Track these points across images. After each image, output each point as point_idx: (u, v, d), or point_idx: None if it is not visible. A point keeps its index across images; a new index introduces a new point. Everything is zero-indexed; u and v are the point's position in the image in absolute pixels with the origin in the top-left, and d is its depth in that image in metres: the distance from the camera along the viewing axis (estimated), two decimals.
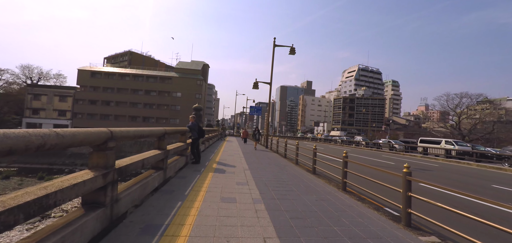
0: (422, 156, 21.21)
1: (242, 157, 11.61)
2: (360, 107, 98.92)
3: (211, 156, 11.05)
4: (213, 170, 7.50)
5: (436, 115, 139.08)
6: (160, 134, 5.23)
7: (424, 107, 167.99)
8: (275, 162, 10.57)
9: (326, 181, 7.28)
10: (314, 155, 8.39)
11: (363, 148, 30.85)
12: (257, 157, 11.99)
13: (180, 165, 6.82)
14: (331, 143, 42.35)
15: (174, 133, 6.52)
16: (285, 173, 8.15)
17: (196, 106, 9.91)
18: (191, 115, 8.31)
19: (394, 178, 7.94)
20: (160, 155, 5.13)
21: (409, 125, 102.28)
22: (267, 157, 12.52)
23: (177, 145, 6.75)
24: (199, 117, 9.81)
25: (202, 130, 8.39)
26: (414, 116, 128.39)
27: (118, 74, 56.98)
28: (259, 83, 19.65)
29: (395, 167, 13.17)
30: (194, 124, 8.16)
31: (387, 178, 7.70)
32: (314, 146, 8.74)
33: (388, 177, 8.18)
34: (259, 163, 9.90)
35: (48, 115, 54.64)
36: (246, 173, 7.45)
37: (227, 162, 9.44)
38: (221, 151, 13.60)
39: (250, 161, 10.20)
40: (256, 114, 59.18)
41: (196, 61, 64.36)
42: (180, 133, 7.02)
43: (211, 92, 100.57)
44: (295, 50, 18.68)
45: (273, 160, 11.41)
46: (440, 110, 60.82)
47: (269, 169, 8.64)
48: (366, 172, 7.88)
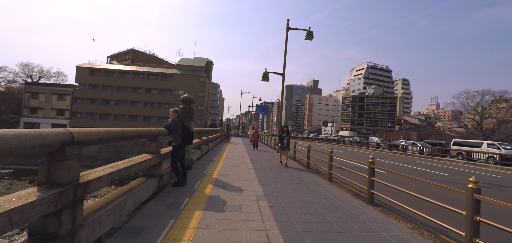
0: (465, 162, 17.75)
1: (251, 169, 8.49)
2: (370, 106, 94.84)
3: (208, 168, 7.95)
4: (204, 200, 4.41)
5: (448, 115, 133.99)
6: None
7: (435, 107, 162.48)
8: (299, 179, 7.43)
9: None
10: (372, 174, 5.23)
11: (385, 151, 27.41)
12: (273, 170, 8.86)
13: (142, 195, 3.74)
14: (345, 144, 38.90)
15: (133, 136, 3.49)
16: (325, 202, 5.02)
17: (184, 97, 6.85)
18: (172, 110, 5.25)
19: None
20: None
21: (422, 125, 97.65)
22: (286, 170, 9.38)
23: (139, 160, 3.67)
24: (188, 113, 6.73)
25: (189, 132, 5.30)
26: (425, 116, 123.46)
27: (118, 72, 54.61)
28: (269, 74, 16.55)
29: (453, 180, 9.87)
30: (176, 122, 5.09)
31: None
32: (372, 158, 5.54)
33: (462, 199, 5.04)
34: (278, 181, 6.77)
35: (46, 115, 52.62)
36: (263, 209, 4.32)
37: (230, 180, 6.33)
38: (222, 159, 10.51)
39: (263, 178, 7.08)
40: (262, 113, 56.09)
41: (199, 58, 61.57)
42: (142, 136, 3.93)
43: (216, 92, 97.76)
44: (312, 34, 15.51)
45: (295, 174, 8.25)
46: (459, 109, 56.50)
47: (297, 195, 5.49)
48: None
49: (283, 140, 9.63)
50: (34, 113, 53.02)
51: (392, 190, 5.19)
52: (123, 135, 3.06)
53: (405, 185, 7.18)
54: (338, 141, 40.96)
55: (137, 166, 3.44)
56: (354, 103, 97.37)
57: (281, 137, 9.76)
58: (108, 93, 53.20)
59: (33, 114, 52.96)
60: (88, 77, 53.52)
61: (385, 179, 6.77)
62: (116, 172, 2.80)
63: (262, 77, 15.92)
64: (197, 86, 53.88)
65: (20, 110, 52.98)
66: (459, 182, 9.19)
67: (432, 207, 4.57)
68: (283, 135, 9.68)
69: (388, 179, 8.19)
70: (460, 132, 69.61)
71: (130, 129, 3.47)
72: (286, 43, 15.31)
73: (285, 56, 15.32)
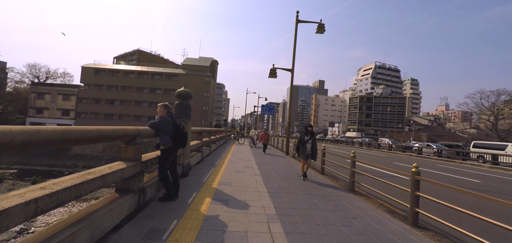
0: (490, 166, 16.24)
1: (258, 176, 7.38)
2: (378, 106, 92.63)
3: (208, 174, 6.86)
4: (198, 224, 3.32)
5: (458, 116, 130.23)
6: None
7: (444, 107, 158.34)
8: (316, 189, 6.29)
9: None
10: (417, 188, 4.05)
11: (398, 153, 25.91)
12: (283, 176, 7.73)
13: (109, 221, 2.66)
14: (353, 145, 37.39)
15: (97, 138, 2.43)
16: (356, 224, 3.87)
17: (180, 91, 5.79)
18: (161, 104, 4.19)
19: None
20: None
21: (432, 126, 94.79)
22: (299, 177, 8.23)
23: (103, 172, 2.60)
24: (184, 110, 5.66)
25: (182, 133, 4.20)
26: (434, 117, 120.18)
27: (123, 72, 54.30)
28: (277, 70, 15.41)
29: (492, 189, 8.55)
30: (165, 119, 4.02)
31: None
32: (416, 166, 4.43)
33: None
34: (291, 192, 5.66)
35: (52, 115, 52.61)
36: (277, 238, 3.21)
37: (233, 191, 5.22)
38: (225, 163, 9.44)
39: (273, 188, 5.96)
40: (268, 113, 54.90)
41: (204, 58, 60.82)
42: (111, 138, 2.85)
43: (221, 92, 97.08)
44: (324, 27, 14.32)
45: (310, 182, 7.10)
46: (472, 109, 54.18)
47: (318, 213, 4.36)
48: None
49: (306, 144, 6.87)
50: (40, 113, 53.11)
51: (435, 205, 4.01)
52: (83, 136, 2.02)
53: (444, 196, 5.98)
54: (346, 142, 39.44)
55: (97, 181, 2.36)
56: (361, 104, 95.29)
57: (303, 140, 6.93)
58: (113, 93, 52.92)
59: (39, 114, 53.05)
60: (93, 78, 53.35)
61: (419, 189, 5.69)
62: (46, 197, 1.72)
63: (269, 74, 14.79)
64: (202, 86, 53.13)
65: (26, 110, 53.14)
66: (501, 192, 7.89)
67: (493, 229, 3.50)
68: (306, 138, 6.91)
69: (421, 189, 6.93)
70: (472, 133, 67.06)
71: (92, 128, 2.41)
72: (295, 36, 14.15)
73: (294, 51, 14.17)
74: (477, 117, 55.19)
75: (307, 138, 6.94)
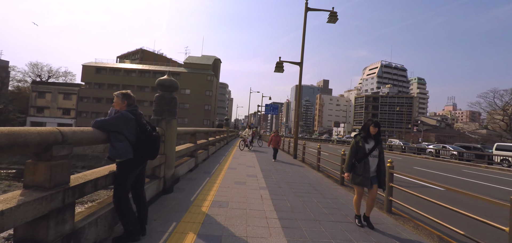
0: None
1: (264, 190, 5.91)
2: (385, 106, 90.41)
3: (199, 187, 5.40)
4: None
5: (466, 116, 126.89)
6: None
7: (452, 107, 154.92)
8: (344, 209, 4.83)
9: None
10: None
11: (413, 155, 24.19)
12: (296, 190, 6.28)
13: None
14: None
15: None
16: None
17: (161, 80, 4.37)
18: (118, 93, 2.77)
19: None
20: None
21: (440, 126, 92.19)
22: (317, 192, 6.76)
23: None
24: (167, 106, 4.25)
25: (150, 137, 2.71)
26: (441, 117, 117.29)
27: (124, 70, 53.33)
28: (280, 70, 13.93)
29: None
30: (121, 116, 2.57)
31: None
32: None
33: None
34: (311, 218, 4.21)
35: (53, 114, 51.89)
36: None
37: (229, 217, 3.74)
38: (224, 171, 8.01)
39: (285, 211, 4.49)
40: (271, 113, 53.38)
41: (207, 56, 59.53)
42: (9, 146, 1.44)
43: (224, 91, 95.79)
44: (336, 15, 12.81)
45: (332, 198, 5.63)
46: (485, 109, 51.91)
47: None
48: None
49: (368, 156, 3.57)
50: (40, 112, 52.44)
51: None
52: None
53: (491, 213, 4.35)
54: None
55: None
56: (367, 104, 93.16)
57: (363, 150, 3.59)
58: (114, 92, 51.75)
59: (39, 113, 52.39)
60: (94, 76, 52.51)
61: (448, 201, 4.14)
62: None
63: (275, 68, 13.33)
64: (205, 84, 51.88)
65: (27, 109, 52.55)
66: None
67: None
68: (368, 146, 3.61)
69: (451, 200, 5.30)
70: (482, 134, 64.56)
71: None
72: (304, 26, 12.65)
73: (303, 42, 12.68)
74: (490, 117, 52.93)
75: (369, 145, 3.59)
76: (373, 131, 3.61)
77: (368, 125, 3.65)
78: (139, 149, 2.63)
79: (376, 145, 3.63)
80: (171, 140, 4.43)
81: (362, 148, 3.60)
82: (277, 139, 11.54)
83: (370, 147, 3.60)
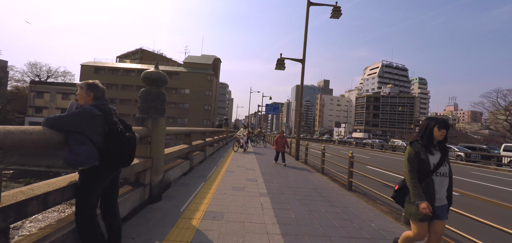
0: None
1: (265, 197, 5.35)
2: (386, 106, 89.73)
3: (192, 194, 4.84)
4: None
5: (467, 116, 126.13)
6: None
7: (453, 107, 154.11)
8: (358, 221, 4.26)
9: None
10: None
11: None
12: (302, 198, 5.72)
13: None
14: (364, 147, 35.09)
15: None
16: None
17: (148, 73, 3.83)
18: (82, 83, 2.19)
19: None
20: None
21: None
22: (322, 197, 6.20)
23: None
24: (153, 102, 3.72)
25: (122, 139, 2.17)
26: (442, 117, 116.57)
27: (123, 70, 52.85)
28: (281, 71, 13.39)
29: None
30: (83, 111, 2.02)
31: None
32: None
33: None
34: (320, 233, 3.63)
35: (51, 114, 51.28)
36: None
37: (224, 232, 3.22)
38: (221, 174, 7.45)
39: (290, 223, 3.93)
40: (272, 113, 52.81)
41: (207, 55, 59.01)
42: None
43: (225, 92, 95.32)
44: (340, 10, 12.29)
45: (340, 206, 5.08)
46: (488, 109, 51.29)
47: None
48: None
49: (433, 175, 2.26)
50: (39, 112, 51.99)
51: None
52: None
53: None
54: (356, 144, 37.08)
55: None
56: (368, 104, 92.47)
57: (426, 165, 2.26)
58: (112, 92, 51.51)
59: (38, 113, 51.93)
60: (92, 76, 51.96)
61: (472, 211, 3.53)
62: None
63: (276, 65, 12.79)
64: (204, 84, 51.34)
65: (26, 109, 52.13)
66: None
67: None
68: (433, 159, 2.27)
69: (474, 208, 4.81)
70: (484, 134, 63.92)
71: None
72: (306, 21, 12.11)
73: (306, 38, 12.14)
74: (493, 117, 52.31)
75: (434, 159, 2.28)
76: (439, 135, 2.27)
77: (431, 126, 2.30)
78: (109, 154, 2.07)
79: (443, 157, 2.29)
80: (159, 141, 3.88)
81: (425, 162, 2.25)
82: (283, 141, 10.13)
83: (435, 161, 2.26)
